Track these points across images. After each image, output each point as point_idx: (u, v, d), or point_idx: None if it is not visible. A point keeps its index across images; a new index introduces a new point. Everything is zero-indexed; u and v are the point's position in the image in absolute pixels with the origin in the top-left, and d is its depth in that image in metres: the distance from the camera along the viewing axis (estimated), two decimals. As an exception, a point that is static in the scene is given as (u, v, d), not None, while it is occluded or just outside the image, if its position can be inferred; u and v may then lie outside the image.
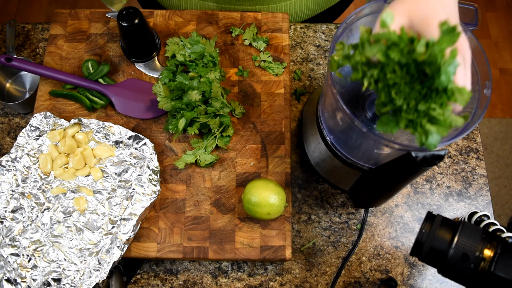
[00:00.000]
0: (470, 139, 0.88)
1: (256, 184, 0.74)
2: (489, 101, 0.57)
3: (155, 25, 0.89)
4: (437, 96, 0.41)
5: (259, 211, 0.72)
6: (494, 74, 2.01)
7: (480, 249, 0.51)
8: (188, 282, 0.78)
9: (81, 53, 0.87)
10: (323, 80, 0.91)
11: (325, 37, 0.94)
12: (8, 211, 0.74)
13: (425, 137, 0.43)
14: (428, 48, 0.41)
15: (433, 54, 0.41)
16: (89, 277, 0.70)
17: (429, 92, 0.41)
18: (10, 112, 0.89)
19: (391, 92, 0.44)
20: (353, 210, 0.83)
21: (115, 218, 0.73)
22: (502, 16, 2.12)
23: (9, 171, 0.76)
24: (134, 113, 0.82)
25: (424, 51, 0.41)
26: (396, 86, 0.43)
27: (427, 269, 0.80)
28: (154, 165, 0.77)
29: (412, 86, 0.42)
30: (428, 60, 0.41)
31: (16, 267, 0.71)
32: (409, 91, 0.42)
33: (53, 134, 0.78)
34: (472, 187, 0.85)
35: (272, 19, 0.89)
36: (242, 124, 0.83)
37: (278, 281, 0.79)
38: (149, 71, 0.86)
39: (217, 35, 0.88)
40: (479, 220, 0.76)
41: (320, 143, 0.72)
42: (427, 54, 0.41)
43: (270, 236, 0.76)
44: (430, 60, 0.41)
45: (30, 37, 0.94)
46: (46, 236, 0.73)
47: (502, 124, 1.90)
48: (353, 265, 0.80)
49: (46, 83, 0.85)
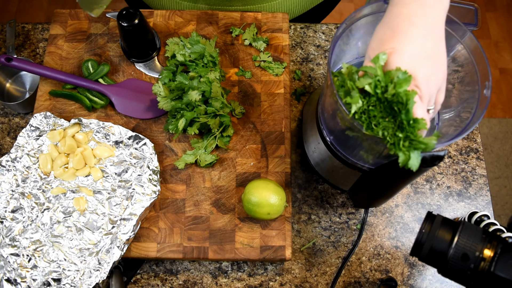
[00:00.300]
0: (470, 139, 0.88)
1: (256, 184, 0.74)
2: (489, 101, 0.57)
3: (155, 25, 0.89)
4: (408, 126, 0.50)
5: (259, 211, 0.72)
6: (494, 74, 2.01)
7: (480, 249, 0.51)
8: (188, 282, 0.78)
9: (81, 53, 0.87)
10: (323, 80, 0.91)
11: (325, 37, 0.94)
12: (8, 211, 0.74)
13: (408, 158, 0.51)
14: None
15: (397, 95, 0.50)
16: (89, 277, 0.70)
17: (401, 124, 0.51)
18: (10, 112, 0.89)
19: (371, 122, 0.52)
20: (353, 210, 0.83)
21: (115, 218, 0.73)
22: (502, 16, 2.12)
23: (9, 171, 0.76)
24: (134, 113, 0.82)
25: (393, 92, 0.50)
26: (375, 119, 0.52)
27: (427, 269, 0.80)
28: (154, 165, 0.77)
29: (386, 119, 0.52)
30: (395, 99, 0.50)
31: (16, 267, 0.71)
32: (385, 124, 0.52)
33: (53, 134, 0.78)
34: (472, 187, 0.85)
35: (272, 19, 0.89)
36: (242, 124, 0.83)
37: (278, 281, 0.79)
38: (149, 71, 0.86)
39: (217, 35, 0.88)
40: (479, 220, 0.76)
41: (320, 143, 0.72)
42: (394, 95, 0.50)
43: (270, 236, 0.76)
44: (397, 99, 0.50)
45: (30, 37, 0.94)
46: (46, 236, 0.73)
47: (502, 124, 1.90)
48: (353, 265, 0.80)
49: (46, 83, 0.85)
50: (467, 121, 0.59)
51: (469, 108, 0.60)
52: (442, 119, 0.67)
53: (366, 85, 0.52)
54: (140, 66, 0.86)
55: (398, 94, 0.50)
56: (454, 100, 0.66)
